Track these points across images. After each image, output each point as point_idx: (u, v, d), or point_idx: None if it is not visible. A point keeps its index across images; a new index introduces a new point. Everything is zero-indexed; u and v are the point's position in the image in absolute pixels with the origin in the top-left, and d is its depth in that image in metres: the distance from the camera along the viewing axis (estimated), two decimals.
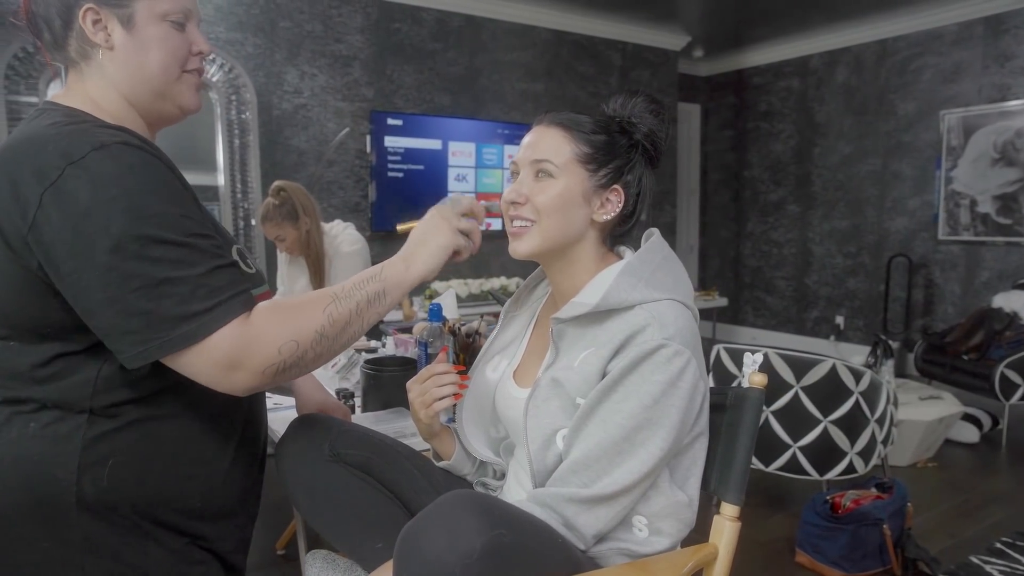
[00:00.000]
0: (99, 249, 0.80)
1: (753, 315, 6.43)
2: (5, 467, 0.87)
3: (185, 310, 0.81)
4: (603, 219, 1.07)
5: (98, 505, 0.89)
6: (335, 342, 0.91)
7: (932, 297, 5.12)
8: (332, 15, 4.34)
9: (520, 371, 1.15)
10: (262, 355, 0.84)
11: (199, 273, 0.83)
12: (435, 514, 0.77)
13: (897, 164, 5.29)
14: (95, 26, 0.94)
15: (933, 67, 5.03)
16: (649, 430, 0.92)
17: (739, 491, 0.99)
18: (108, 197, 0.80)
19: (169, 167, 0.89)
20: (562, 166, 1.04)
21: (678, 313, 0.97)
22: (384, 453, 1.16)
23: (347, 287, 0.93)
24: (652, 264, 1.03)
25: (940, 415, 3.31)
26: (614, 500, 0.93)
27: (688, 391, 0.94)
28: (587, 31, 5.34)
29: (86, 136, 0.84)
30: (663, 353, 0.93)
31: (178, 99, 1.01)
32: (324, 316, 0.89)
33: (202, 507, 0.98)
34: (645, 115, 1.10)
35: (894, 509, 2.35)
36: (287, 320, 0.86)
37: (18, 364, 0.88)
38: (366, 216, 4.49)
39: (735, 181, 6.52)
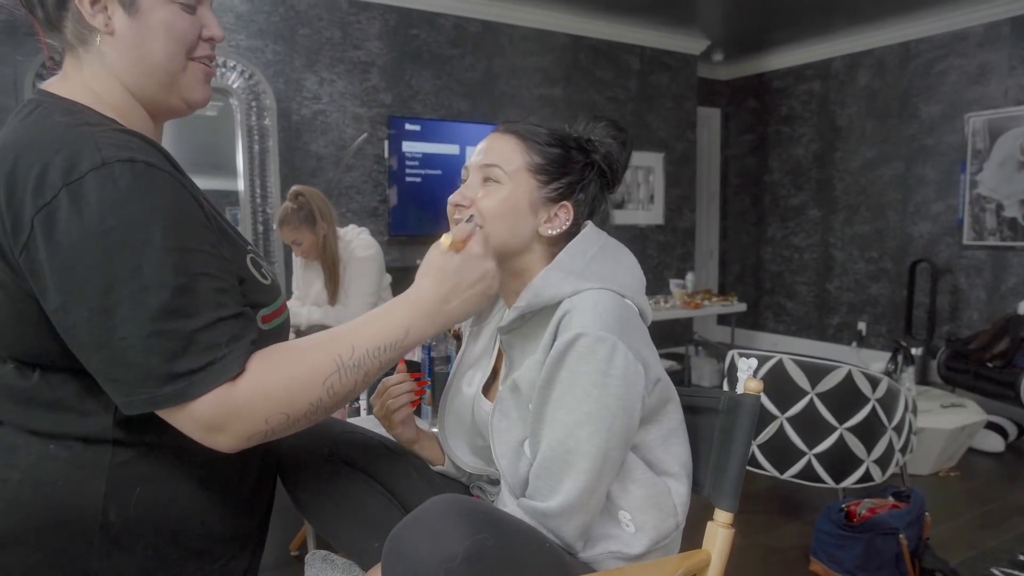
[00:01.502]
0: (89, 289, 0.73)
1: (774, 321, 6.37)
2: (25, 491, 0.82)
3: (173, 368, 0.74)
4: (548, 233, 1.05)
5: (122, 533, 0.84)
6: (330, 410, 0.83)
7: (957, 303, 5.04)
8: (351, 22, 4.39)
9: (491, 386, 1.16)
10: (248, 424, 0.77)
11: (193, 328, 0.75)
12: (421, 517, 0.78)
13: (920, 168, 5.21)
14: (93, 7, 0.84)
15: (958, 69, 4.96)
16: (590, 425, 0.89)
17: (733, 497, 0.98)
18: (103, 230, 0.73)
19: (179, 182, 0.81)
20: (511, 173, 1.04)
21: (601, 299, 0.94)
22: (384, 454, 1.17)
23: (359, 351, 0.82)
24: (585, 256, 1.01)
25: (962, 423, 3.25)
26: (585, 504, 0.92)
27: (621, 377, 0.89)
28: (605, 36, 5.33)
29: (88, 149, 0.76)
30: (583, 342, 0.89)
31: (184, 92, 0.92)
32: (323, 389, 0.80)
33: (223, 532, 0.94)
34: (606, 138, 1.10)
35: (911, 518, 2.31)
36: (280, 390, 0.78)
37: (31, 394, 0.83)
38: (384, 221, 4.53)
39: (755, 186, 6.47)
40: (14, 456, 0.83)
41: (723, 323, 6.41)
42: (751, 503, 2.93)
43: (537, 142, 1.06)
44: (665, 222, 5.84)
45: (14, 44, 3.52)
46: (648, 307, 1.02)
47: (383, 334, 0.84)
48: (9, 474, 0.83)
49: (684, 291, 4.90)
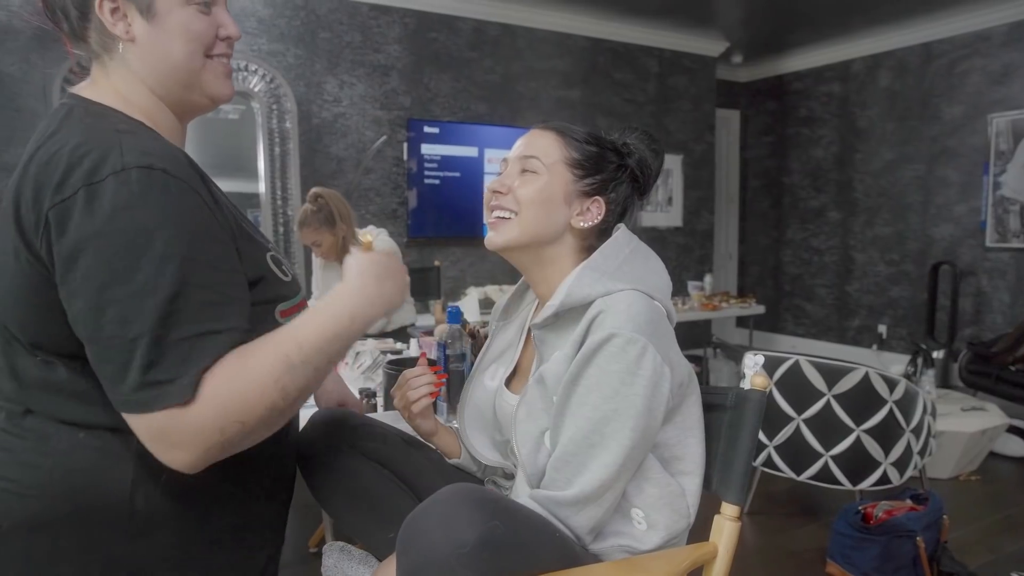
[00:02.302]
0: (88, 285, 0.76)
1: (793, 323, 6.33)
2: (55, 478, 0.85)
3: (146, 376, 0.75)
4: (580, 225, 1.09)
5: (148, 520, 0.86)
6: (289, 411, 0.82)
7: (980, 306, 4.98)
8: (371, 25, 4.44)
9: (514, 379, 1.18)
10: (203, 438, 0.76)
11: (175, 338, 0.75)
12: (434, 505, 0.80)
13: (942, 169, 5.16)
14: (114, 16, 0.88)
15: (980, 69, 4.91)
16: (616, 421, 0.92)
17: (740, 491, 0.99)
18: (109, 230, 0.75)
19: (194, 190, 0.83)
20: (549, 165, 1.08)
21: (634, 301, 0.97)
22: (400, 447, 1.19)
23: (306, 348, 0.81)
24: (617, 258, 1.05)
25: (983, 427, 3.22)
26: (600, 498, 0.94)
27: (649, 377, 0.92)
28: (624, 38, 5.35)
29: (113, 153, 0.79)
30: (615, 343, 0.92)
31: (207, 89, 0.95)
32: (276, 390, 0.78)
33: (247, 521, 0.96)
34: (639, 145, 1.14)
35: (929, 521, 2.30)
36: (233, 398, 0.76)
37: (62, 385, 0.86)
38: (403, 223, 4.57)
39: (775, 188, 6.44)
40: (46, 444, 0.87)
41: (742, 325, 6.39)
42: (767, 504, 2.92)
43: (575, 139, 1.10)
44: (684, 224, 5.83)
45: (42, 51, 3.60)
46: (674, 309, 1.05)
47: (327, 326, 0.84)
48: (42, 461, 0.86)
49: (702, 293, 4.90)
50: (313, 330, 0.83)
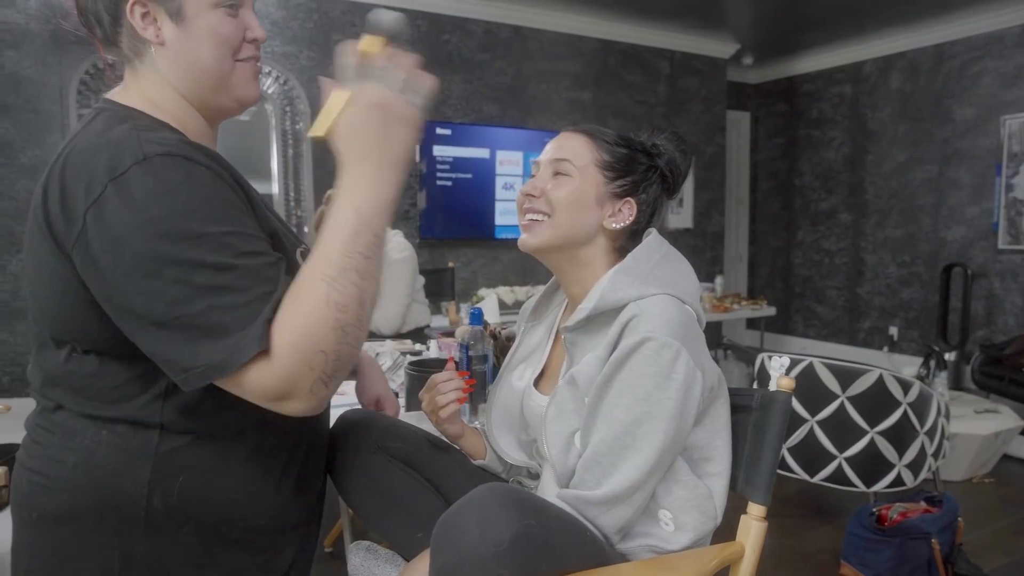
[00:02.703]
0: (140, 274, 0.77)
1: (803, 325, 6.32)
2: (79, 473, 0.87)
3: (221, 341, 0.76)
4: (612, 227, 1.11)
5: (166, 520, 0.87)
6: (361, 319, 0.80)
7: (992, 308, 4.97)
8: None
9: (543, 380, 1.19)
10: (300, 377, 0.77)
11: (240, 303, 0.77)
12: (468, 505, 0.82)
13: (954, 171, 5.15)
14: (144, 20, 0.89)
15: (993, 71, 4.90)
16: (648, 423, 0.94)
17: (766, 491, 1.00)
18: (146, 219, 0.76)
19: (217, 173, 0.84)
20: (581, 168, 1.10)
21: (667, 305, 0.99)
22: (426, 448, 1.21)
23: (332, 258, 0.79)
24: (649, 263, 1.06)
25: (996, 429, 3.21)
26: (629, 498, 0.95)
27: (682, 381, 0.94)
28: (634, 40, 5.35)
29: (130, 146, 0.80)
30: (649, 346, 0.94)
31: (234, 91, 0.95)
32: (331, 308, 0.77)
33: (267, 524, 0.96)
34: (668, 146, 1.16)
35: (944, 524, 2.30)
36: (301, 334, 0.77)
37: (87, 381, 0.87)
38: (415, 224, 4.59)
39: (785, 189, 6.44)
40: (72, 440, 0.89)
41: (752, 327, 6.38)
42: (781, 506, 2.93)
43: (606, 141, 1.12)
44: (694, 226, 5.83)
45: (60, 54, 3.64)
46: (703, 312, 1.07)
47: (339, 228, 0.80)
48: (67, 456, 0.88)
49: (713, 295, 4.90)
50: (330, 239, 0.80)
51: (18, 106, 3.58)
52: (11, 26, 3.54)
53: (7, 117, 3.56)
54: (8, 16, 3.54)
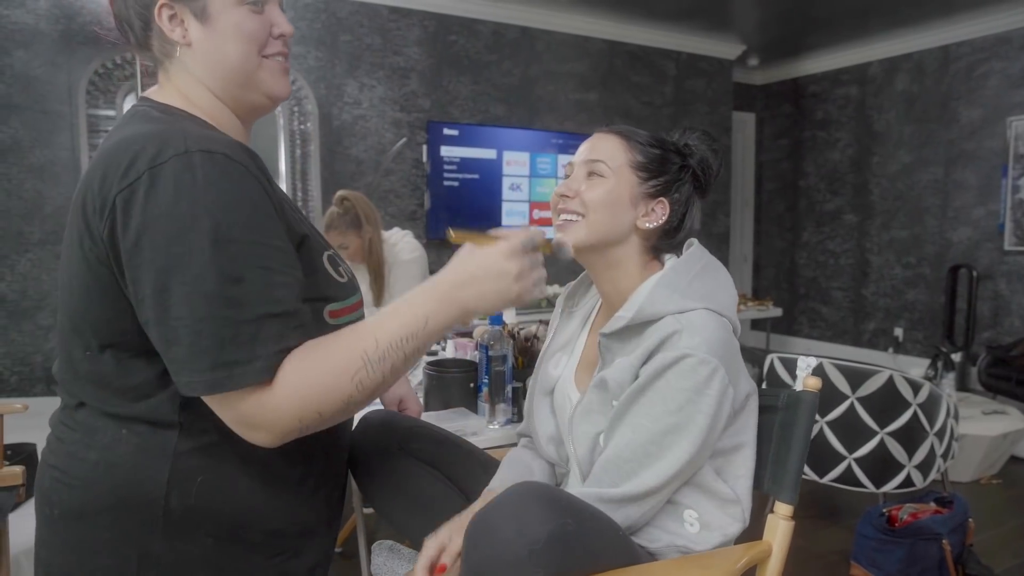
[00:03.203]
0: (155, 267, 0.77)
1: (808, 326, 6.32)
2: (99, 471, 0.87)
3: (219, 356, 0.76)
4: (646, 226, 1.12)
5: (183, 521, 0.87)
6: (361, 405, 0.84)
7: (998, 309, 4.97)
8: (391, 28, 4.47)
9: (578, 376, 1.20)
10: (281, 424, 0.79)
11: (243, 319, 0.77)
12: (504, 503, 0.82)
13: (960, 173, 5.15)
14: (171, 22, 0.91)
15: (1000, 72, 4.90)
16: (676, 435, 0.95)
17: (793, 491, 1.01)
18: (174, 212, 0.77)
19: (255, 176, 0.84)
20: (615, 169, 1.11)
21: (707, 322, 1.00)
22: (449, 448, 1.21)
23: (383, 345, 0.82)
24: (689, 274, 1.07)
25: (1004, 431, 3.22)
26: (642, 500, 0.97)
27: (715, 398, 0.96)
28: (641, 41, 5.36)
29: (175, 139, 0.81)
30: (688, 362, 0.96)
31: (263, 87, 0.96)
32: (353, 385, 0.80)
33: (285, 527, 0.95)
34: (700, 146, 1.17)
35: (954, 525, 2.30)
36: (312, 389, 0.79)
37: (109, 378, 0.87)
38: (422, 224, 4.59)
39: (791, 191, 6.44)
40: (93, 437, 0.89)
41: (758, 328, 6.38)
42: None
43: (639, 142, 1.13)
44: (700, 227, 5.83)
45: (68, 54, 3.65)
46: (739, 322, 1.08)
47: (404, 325, 0.84)
48: (87, 454, 0.89)
49: None
50: (391, 329, 0.84)
51: (27, 106, 3.58)
52: (20, 26, 3.55)
53: (16, 117, 3.56)
54: (18, 16, 3.54)
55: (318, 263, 0.95)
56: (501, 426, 1.56)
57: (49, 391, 3.71)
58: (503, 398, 1.56)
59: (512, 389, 1.57)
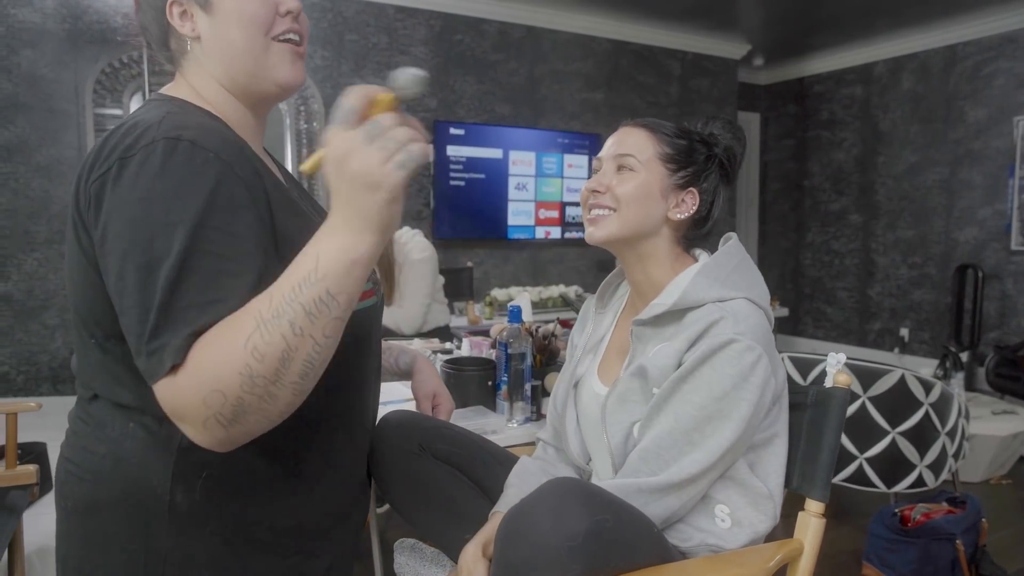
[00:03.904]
0: (115, 255, 0.76)
1: (813, 326, 6.32)
2: (107, 464, 0.87)
3: (150, 344, 0.73)
4: (677, 217, 1.13)
5: (189, 517, 0.86)
6: (280, 378, 0.71)
7: (1004, 309, 4.96)
8: (397, 28, 4.46)
9: (602, 368, 1.20)
10: (191, 409, 0.71)
11: (180, 305, 0.73)
12: (541, 499, 0.82)
13: (966, 172, 5.15)
14: (182, 18, 0.92)
15: (1006, 72, 4.89)
16: (719, 421, 0.95)
17: (824, 488, 1.00)
18: (132, 199, 0.76)
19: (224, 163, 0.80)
20: (644, 162, 1.12)
21: (750, 311, 1.01)
22: (471, 449, 1.20)
23: (275, 301, 0.71)
24: (728, 266, 1.08)
25: (1014, 431, 3.21)
26: (681, 489, 0.96)
27: (759, 386, 0.96)
28: (647, 41, 5.36)
29: (151, 128, 0.79)
30: (734, 347, 0.95)
31: (271, 74, 0.93)
32: (247, 352, 0.70)
33: (294, 526, 0.93)
34: (724, 134, 1.18)
35: (968, 525, 2.29)
36: (205, 363, 0.71)
37: (114, 369, 0.86)
38: (428, 223, 4.59)
39: (795, 190, 6.43)
40: (103, 431, 0.88)
41: None
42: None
43: (666, 134, 1.14)
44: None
45: (75, 53, 3.64)
46: (772, 316, 1.08)
47: (293, 273, 0.73)
48: (97, 447, 0.88)
49: None
50: (283, 279, 0.73)
51: (34, 105, 3.58)
52: (27, 25, 3.55)
53: (23, 116, 3.56)
54: (24, 15, 3.54)
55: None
56: (520, 424, 1.55)
57: (56, 390, 3.71)
58: (522, 396, 1.55)
59: (531, 387, 1.56)
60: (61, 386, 3.72)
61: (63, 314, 3.68)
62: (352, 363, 0.98)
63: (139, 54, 3.65)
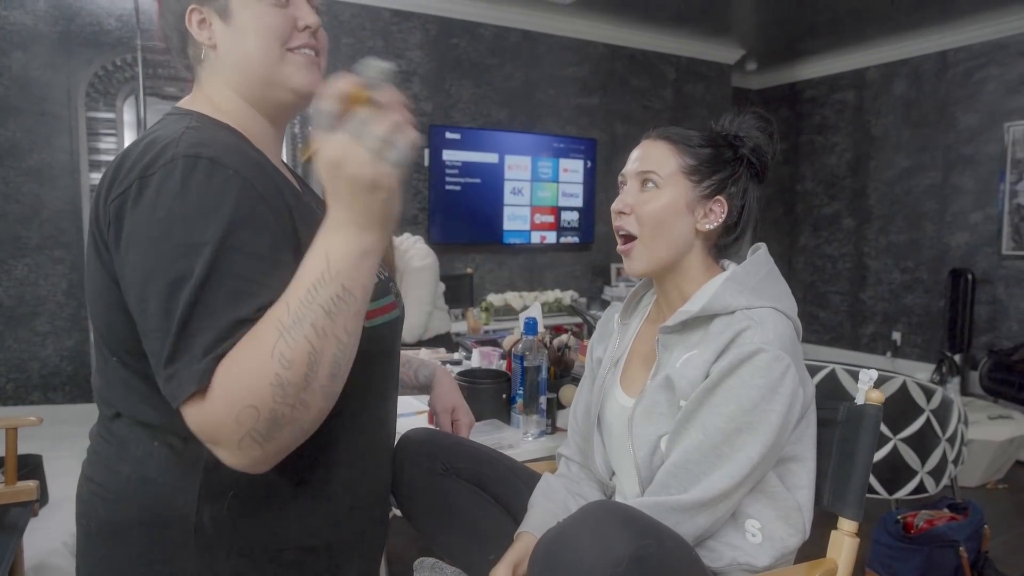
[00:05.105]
0: (137, 275, 0.76)
1: (806, 330, 6.33)
2: (131, 484, 0.86)
3: (170, 368, 0.73)
4: (706, 228, 1.10)
5: (215, 537, 0.85)
6: (311, 383, 0.72)
7: (996, 314, 5.00)
8: (392, 31, 4.44)
9: (625, 378, 1.17)
10: (225, 430, 0.71)
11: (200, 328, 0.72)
12: (581, 522, 0.80)
13: (958, 177, 5.18)
14: (200, 26, 0.92)
15: (997, 78, 4.93)
16: (749, 434, 0.93)
17: (858, 507, 1.00)
18: (153, 219, 0.75)
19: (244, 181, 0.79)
20: (667, 177, 1.09)
21: (778, 320, 0.99)
22: (494, 468, 1.18)
23: (293, 306, 0.71)
24: (757, 275, 1.06)
25: (1011, 435, 3.23)
26: (713, 506, 0.95)
27: (788, 397, 0.94)
28: (641, 45, 5.36)
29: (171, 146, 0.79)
30: (762, 358, 0.94)
31: (287, 82, 0.93)
32: (275, 362, 0.70)
33: (322, 545, 0.92)
34: (752, 131, 1.14)
35: (971, 531, 2.30)
36: (235, 380, 0.70)
37: (137, 387, 0.85)
38: (424, 228, 4.56)
39: (788, 195, 6.46)
40: (126, 450, 0.87)
41: None
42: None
43: (688, 145, 1.11)
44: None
45: (67, 56, 3.59)
46: (800, 328, 1.06)
47: (305, 273, 0.74)
48: (121, 467, 0.87)
49: None
50: (296, 282, 0.74)
51: (25, 108, 3.53)
52: (19, 27, 3.49)
53: (14, 119, 3.51)
54: (16, 17, 3.49)
55: None
56: (535, 438, 1.53)
57: (46, 399, 3.65)
58: (536, 409, 1.53)
59: (546, 400, 1.55)
60: (52, 394, 3.66)
61: (54, 321, 3.63)
62: (375, 377, 0.98)
63: (132, 57, 3.60)
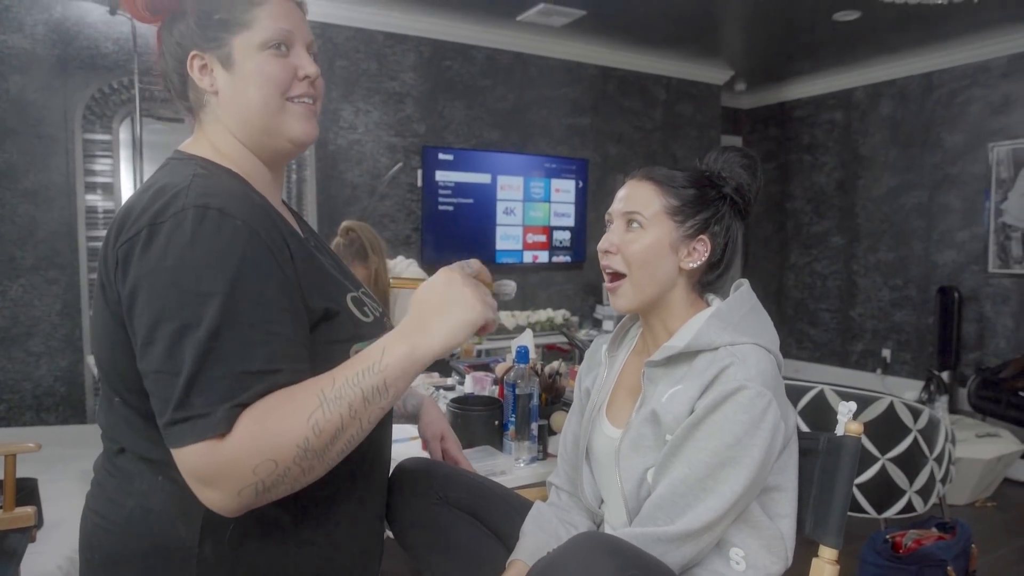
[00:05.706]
0: (143, 320, 0.79)
1: (796, 348, 6.39)
2: (135, 517, 0.88)
3: (178, 412, 0.76)
4: (690, 267, 1.14)
5: (218, 569, 0.87)
6: (325, 454, 0.79)
7: (983, 331, 5.06)
8: (386, 54, 4.49)
9: (611, 408, 1.21)
10: (235, 476, 0.75)
11: (215, 375, 0.76)
12: (570, 554, 0.83)
13: (944, 196, 5.26)
14: (202, 72, 0.94)
15: (981, 99, 5.02)
16: (732, 468, 0.97)
17: (838, 535, 1.03)
18: (161, 267, 0.78)
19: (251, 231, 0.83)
20: (651, 217, 1.12)
21: (760, 356, 1.02)
22: (489, 497, 1.20)
23: (339, 382, 0.79)
24: (740, 311, 1.10)
25: (998, 453, 3.26)
26: (699, 537, 0.98)
27: (770, 431, 0.98)
28: (632, 67, 5.43)
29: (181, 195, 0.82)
30: (745, 394, 0.97)
31: (286, 132, 0.96)
32: (308, 427, 0.76)
33: (321, 570, 0.94)
34: (736, 169, 1.17)
35: (958, 551, 2.33)
36: (266, 433, 0.75)
37: (141, 424, 0.87)
38: (417, 249, 4.60)
39: (778, 213, 6.52)
40: (131, 484, 0.89)
41: None
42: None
43: (672, 185, 1.14)
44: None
45: (64, 78, 3.62)
46: (782, 362, 1.09)
47: (361, 358, 0.82)
48: (125, 500, 0.89)
49: None
50: (349, 364, 0.81)
51: (22, 131, 3.55)
52: (17, 51, 3.53)
53: (11, 141, 3.53)
54: (14, 41, 3.52)
55: (340, 302, 0.95)
56: (527, 463, 1.56)
57: (39, 419, 3.65)
58: (528, 435, 1.56)
59: (538, 426, 1.57)
60: (45, 415, 3.66)
61: (48, 341, 3.63)
62: None
63: (129, 80, 3.63)
